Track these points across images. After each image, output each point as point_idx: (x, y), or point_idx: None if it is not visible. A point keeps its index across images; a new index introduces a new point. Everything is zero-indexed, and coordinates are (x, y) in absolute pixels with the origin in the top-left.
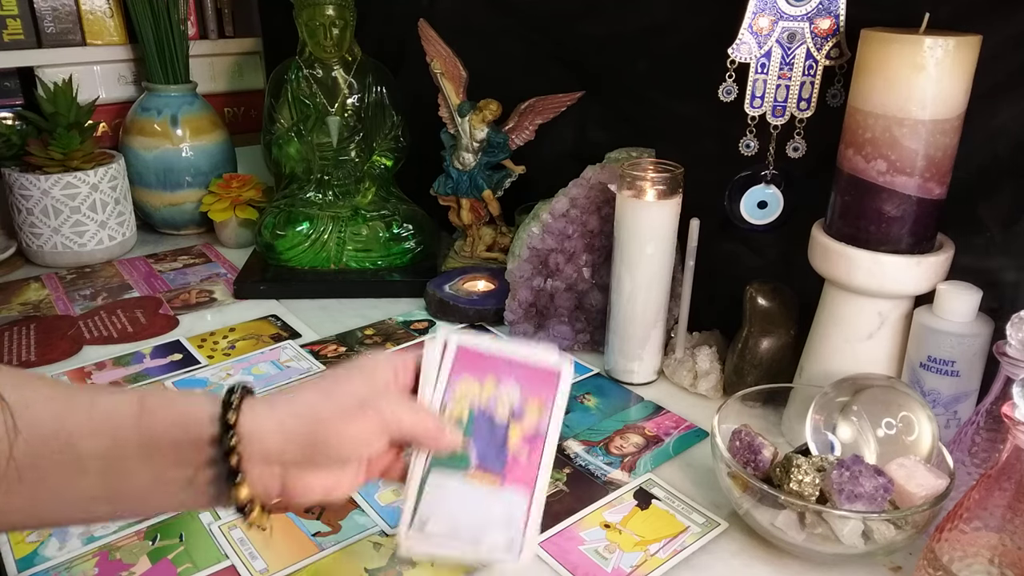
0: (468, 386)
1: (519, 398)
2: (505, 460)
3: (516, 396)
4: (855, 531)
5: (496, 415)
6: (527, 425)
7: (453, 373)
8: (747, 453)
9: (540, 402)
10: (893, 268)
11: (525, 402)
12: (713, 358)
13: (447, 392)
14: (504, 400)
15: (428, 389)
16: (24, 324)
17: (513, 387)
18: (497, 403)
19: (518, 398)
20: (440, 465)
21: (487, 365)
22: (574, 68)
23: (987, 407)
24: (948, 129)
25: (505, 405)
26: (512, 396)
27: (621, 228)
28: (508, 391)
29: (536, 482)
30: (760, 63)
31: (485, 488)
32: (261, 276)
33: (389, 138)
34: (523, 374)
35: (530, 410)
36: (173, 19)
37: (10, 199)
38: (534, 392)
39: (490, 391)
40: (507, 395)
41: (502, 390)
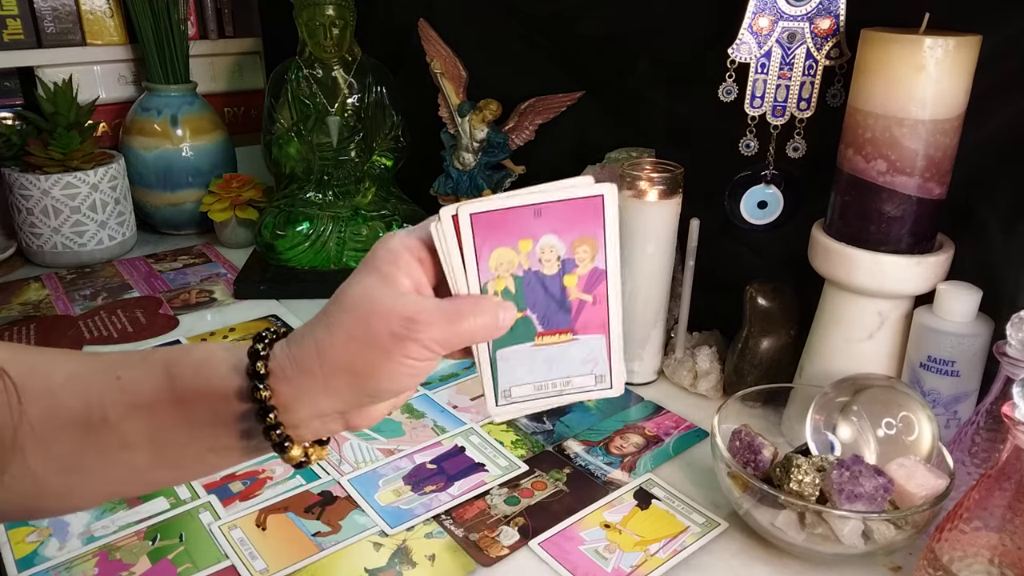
0: (502, 255)
1: (564, 245)
2: (570, 312)
3: (559, 244)
4: (855, 531)
5: (545, 272)
6: (582, 269)
7: (479, 248)
8: (747, 453)
9: (589, 239)
10: (893, 268)
11: (572, 246)
12: (713, 358)
13: (481, 273)
14: (548, 254)
15: (460, 280)
16: (24, 324)
17: (551, 237)
18: (542, 260)
19: (562, 245)
20: (505, 343)
21: (513, 224)
22: (574, 68)
23: (987, 407)
24: (948, 129)
25: (551, 258)
26: (555, 246)
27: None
28: (549, 243)
29: (609, 320)
30: (760, 63)
31: (560, 346)
32: (261, 276)
33: (389, 138)
34: (559, 216)
35: (581, 252)
36: (173, 19)
37: (10, 199)
38: (578, 230)
39: (527, 250)
40: (549, 247)
41: (542, 244)
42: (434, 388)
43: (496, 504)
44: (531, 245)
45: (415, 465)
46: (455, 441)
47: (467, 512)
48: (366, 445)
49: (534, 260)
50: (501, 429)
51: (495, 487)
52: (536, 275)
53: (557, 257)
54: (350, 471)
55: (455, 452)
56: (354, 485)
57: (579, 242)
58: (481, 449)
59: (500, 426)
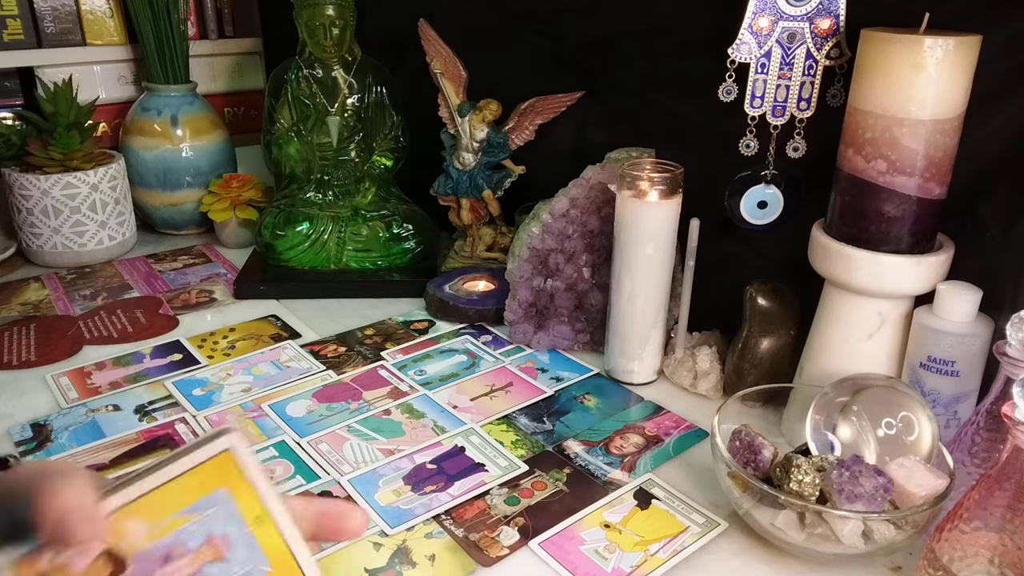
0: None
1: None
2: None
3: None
4: (855, 531)
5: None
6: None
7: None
8: (747, 453)
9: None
10: (893, 268)
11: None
12: (713, 358)
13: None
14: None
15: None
16: (24, 324)
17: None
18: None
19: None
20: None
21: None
22: (574, 68)
23: (987, 407)
24: (948, 129)
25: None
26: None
27: (621, 228)
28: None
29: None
30: (760, 63)
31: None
32: (261, 276)
33: (389, 138)
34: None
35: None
36: (173, 19)
37: (10, 199)
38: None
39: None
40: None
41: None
42: (434, 388)
43: (496, 504)
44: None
45: (415, 465)
46: (455, 441)
47: (467, 512)
48: (366, 445)
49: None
50: (501, 429)
51: (495, 487)
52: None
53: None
54: (350, 471)
55: (455, 452)
56: (354, 485)
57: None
58: (481, 449)
59: (500, 426)
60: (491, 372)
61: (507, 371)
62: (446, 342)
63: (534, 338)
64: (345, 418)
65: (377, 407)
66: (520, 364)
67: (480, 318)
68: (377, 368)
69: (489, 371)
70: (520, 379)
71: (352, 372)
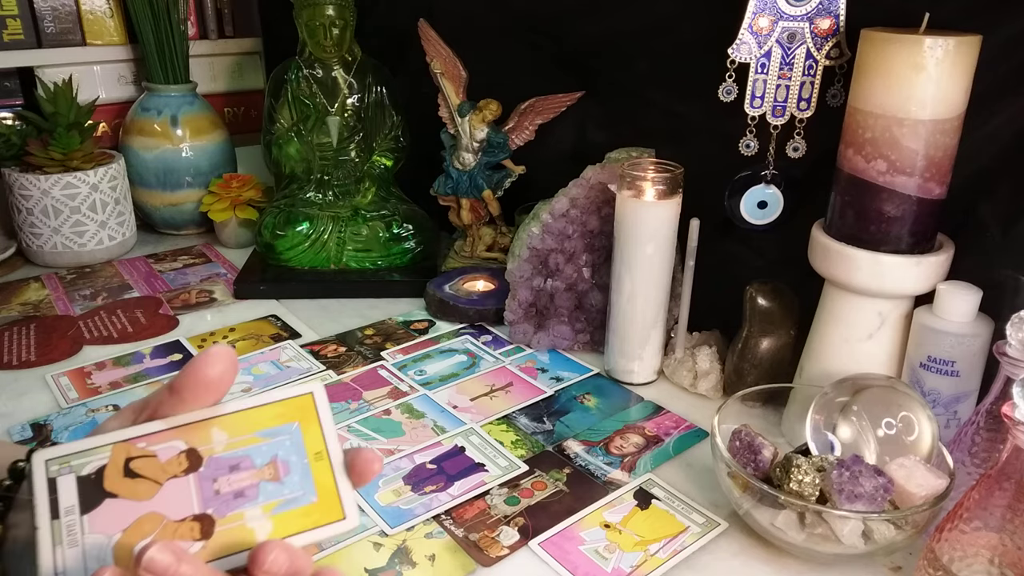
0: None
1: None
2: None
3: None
4: (855, 531)
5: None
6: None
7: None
8: (747, 453)
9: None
10: (893, 268)
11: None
12: (713, 358)
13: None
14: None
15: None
16: (24, 324)
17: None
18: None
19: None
20: None
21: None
22: (574, 68)
23: (987, 407)
24: (948, 129)
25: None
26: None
27: (621, 228)
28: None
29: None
30: (760, 63)
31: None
32: (261, 276)
33: (389, 138)
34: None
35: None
36: (173, 19)
37: (10, 199)
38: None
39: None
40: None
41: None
42: (434, 388)
43: (496, 504)
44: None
45: (415, 465)
46: (455, 441)
47: (467, 512)
48: (366, 445)
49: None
50: (501, 429)
51: (495, 487)
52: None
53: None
54: None
55: (455, 452)
56: None
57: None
58: (481, 449)
59: (500, 426)
60: (491, 372)
61: (507, 371)
62: (446, 342)
63: (534, 338)
64: (345, 418)
65: (377, 407)
66: (520, 364)
67: (480, 318)
68: (377, 368)
69: (489, 371)
70: (520, 379)
71: (352, 372)
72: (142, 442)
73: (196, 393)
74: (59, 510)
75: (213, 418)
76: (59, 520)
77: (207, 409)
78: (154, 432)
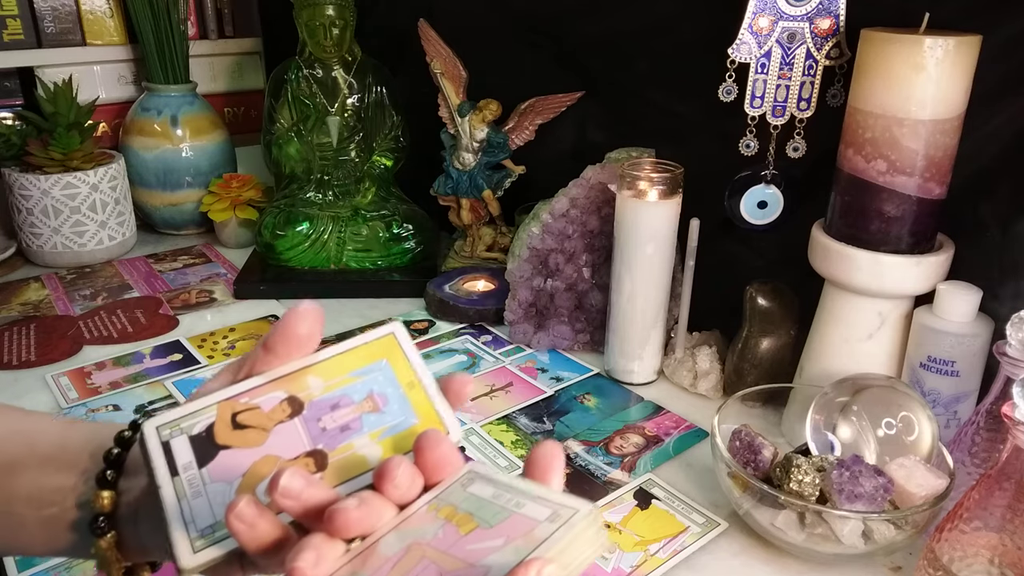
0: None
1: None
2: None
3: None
4: (855, 531)
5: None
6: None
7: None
8: (747, 453)
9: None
10: (893, 268)
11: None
12: (713, 358)
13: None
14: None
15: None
16: (24, 324)
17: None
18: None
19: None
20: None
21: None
22: (574, 68)
23: (987, 407)
24: (948, 129)
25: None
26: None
27: (621, 228)
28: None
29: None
30: (760, 63)
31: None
32: (261, 276)
33: (389, 138)
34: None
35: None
36: (173, 19)
37: (10, 199)
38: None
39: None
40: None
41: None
42: None
43: None
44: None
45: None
46: None
47: None
48: None
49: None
50: (501, 429)
51: None
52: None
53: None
54: None
55: None
56: None
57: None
58: (481, 449)
59: (500, 426)
60: (491, 372)
61: (507, 371)
62: (446, 342)
63: (534, 338)
64: None
65: None
66: (520, 364)
67: (480, 318)
68: None
69: (489, 371)
70: (520, 379)
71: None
72: (244, 397)
73: (288, 349)
74: (177, 468)
75: (307, 367)
76: (179, 476)
77: (299, 360)
78: (254, 387)
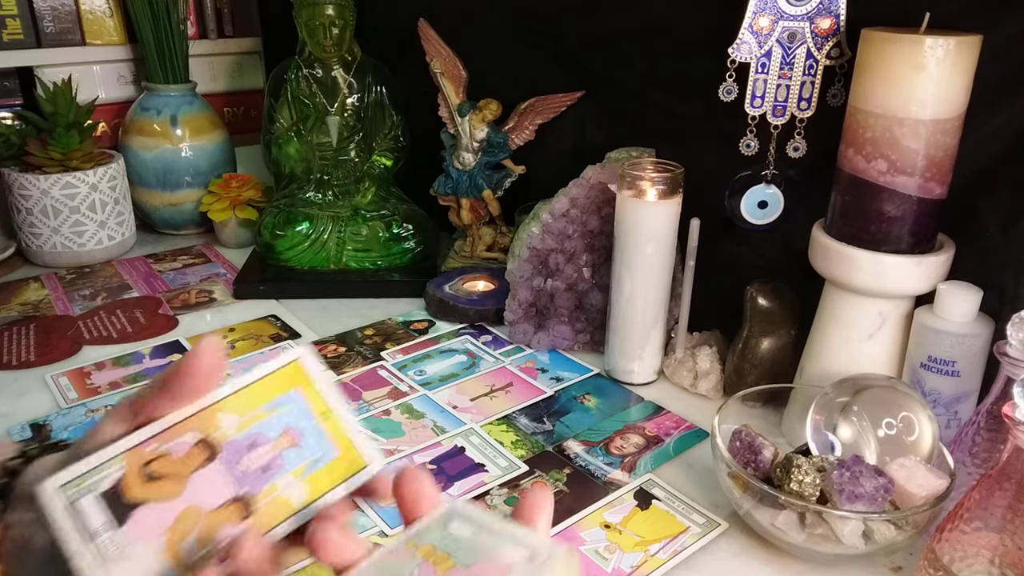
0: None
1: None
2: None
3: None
4: (855, 531)
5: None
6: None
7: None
8: (747, 453)
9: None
10: (893, 268)
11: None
12: (713, 358)
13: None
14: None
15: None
16: (23, 324)
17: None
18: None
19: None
20: None
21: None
22: (574, 68)
23: (988, 407)
24: (949, 129)
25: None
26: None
27: (621, 228)
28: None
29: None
30: (760, 63)
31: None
32: (261, 276)
33: (389, 138)
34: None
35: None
36: (173, 19)
37: (9, 199)
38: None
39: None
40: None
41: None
42: (434, 388)
43: (496, 504)
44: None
45: (415, 465)
46: (455, 441)
47: None
48: None
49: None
50: (501, 429)
51: (495, 487)
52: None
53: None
54: None
55: (455, 452)
56: None
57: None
58: (481, 449)
59: (500, 426)
60: (491, 372)
61: (507, 371)
62: (446, 342)
63: (534, 338)
64: None
65: (377, 407)
66: (520, 364)
67: (480, 318)
68: (377, 368)
69: (489, 371)
70: (520, 379)
71: (352, 372)
72: (151, 444)
73: (188, 387)
74: (90, 532)
75: (215, 404)
76: (94, 542)
77: (205, 398)
78: (161, 431)
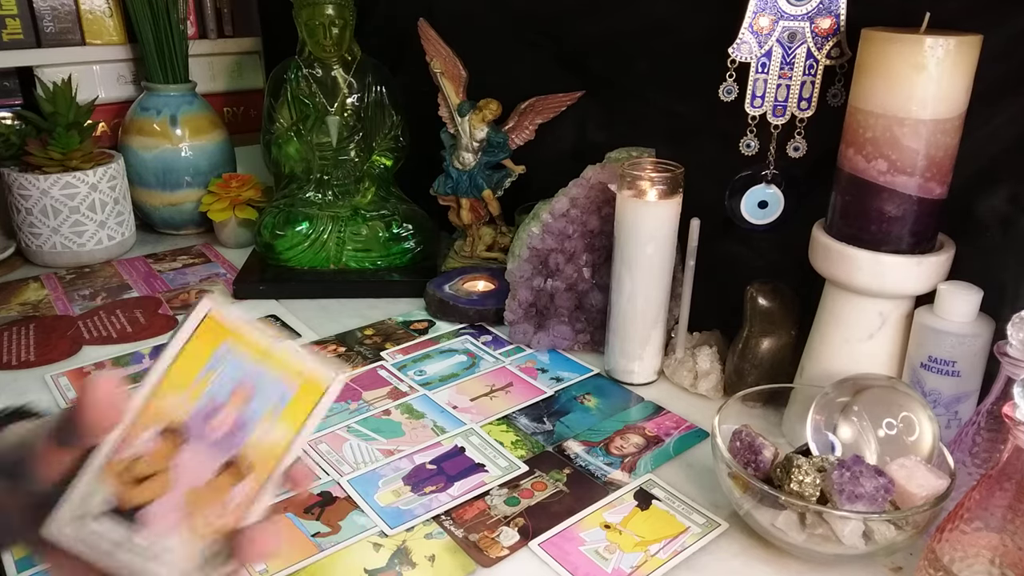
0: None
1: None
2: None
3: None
4: (856, 532)
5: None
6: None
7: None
8: (748, 453)
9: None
10: (894, 268)
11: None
12: (713, 358)
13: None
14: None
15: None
16: (23, 324)
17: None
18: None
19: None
20: None
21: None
22: (574, 68)
23: (988, 407)
24: (949, 129)
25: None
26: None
27: (621, 228)
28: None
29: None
30: (761, 63)
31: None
32: (260, 276)
33: (389, 138)
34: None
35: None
36: (172, 19)
37: (9, 199)
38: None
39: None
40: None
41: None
42: (434, 388)
43: (496, 505)
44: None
45: (415, 466)
46: (455, 442)
47: (467, 513)
48: (365, 445)
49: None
50: (501, 429)
51: (495, 487)
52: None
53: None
54: (349, 472)
55: (455, 452)
56: (353, 485)
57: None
58: (481, 449)
59: (500, 426)
60: (491, 372)
61: (507, 371)
62: (446, 342)
63: (534, 338)
64: (345, 418)
65: (377, 407)
66: (520, 364)
67: (480, 318)
68: (377, 368)
69: (489, 371)
70: (520, 379)
71: (352, 372)
72: (119, 454)
73: (94, 422)
74: (118, 545)
75: (153, 392)
76: (124, 546)
77: (139, 393)
78: (121, 441)
